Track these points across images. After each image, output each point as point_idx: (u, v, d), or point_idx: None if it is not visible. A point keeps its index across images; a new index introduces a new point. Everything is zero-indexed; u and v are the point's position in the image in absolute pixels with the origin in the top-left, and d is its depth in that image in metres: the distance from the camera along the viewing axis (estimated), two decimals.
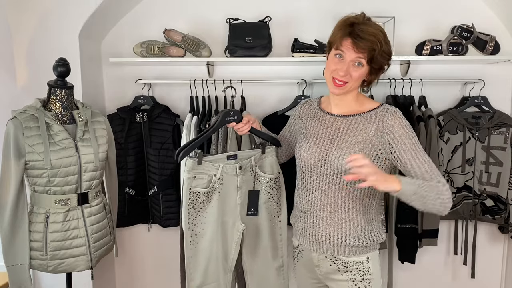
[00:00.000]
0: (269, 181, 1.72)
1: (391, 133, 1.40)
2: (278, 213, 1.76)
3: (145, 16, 2.36)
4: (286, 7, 2.33)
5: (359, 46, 1.37)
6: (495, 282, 2.49)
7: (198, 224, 1.60)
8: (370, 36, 1.37)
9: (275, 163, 1.73)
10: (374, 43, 1.37)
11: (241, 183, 1.65)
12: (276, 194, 1.74)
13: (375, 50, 1.37)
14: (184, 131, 2.13)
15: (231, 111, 1.62)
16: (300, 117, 1.66)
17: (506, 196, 2.21)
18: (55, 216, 1.68)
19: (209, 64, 2.28)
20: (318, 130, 1.53)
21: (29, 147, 1.62)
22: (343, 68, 1.40)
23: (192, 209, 1.58)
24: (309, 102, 1.67)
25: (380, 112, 1.44)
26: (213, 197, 1.60)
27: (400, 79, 2.25)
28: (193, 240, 1.60)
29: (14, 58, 2.12)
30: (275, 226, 1.76)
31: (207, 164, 1.58)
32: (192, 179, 1.56)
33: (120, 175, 2.20)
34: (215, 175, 1.60)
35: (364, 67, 1.41)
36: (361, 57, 1.39)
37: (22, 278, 1.67)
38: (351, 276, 1.47)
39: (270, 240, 1.75)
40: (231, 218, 1.65)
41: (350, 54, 1.39)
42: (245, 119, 1.63)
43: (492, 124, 2.20)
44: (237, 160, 1.63)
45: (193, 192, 1.57)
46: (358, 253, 1.46)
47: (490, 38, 2.20)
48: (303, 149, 1.53)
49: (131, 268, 2.55)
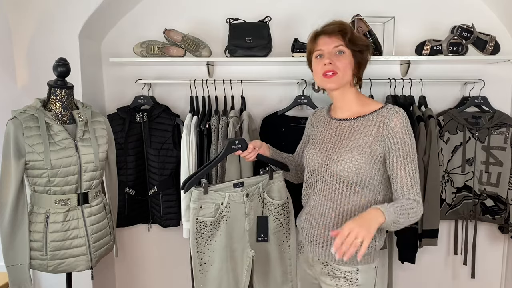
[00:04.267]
0: (277, 207, 1.72)
1: (391, 136, 1.39)
2: (287, 238, 1.76)
3: (145, 16, 2.36)
4: (286, 7, 2.34)
5: (331, 33, 1.45)
6: (495, 282, 2.49)
7: (207, 253, 1.60)
8: (336, 24, 1.46)
9: (283, 188, 1.73)
10: (341, 25, 1.46)
11: (249, 209, 1.65)
12: (284, 219, 1.75)
13: (346, 30, 1.43)
14: (184, 131, 2.13)
15: (236, 140, 1.62)
16: (312, 125, 1.68)
17: (506, 196, 2.21)
18: (55, 216, 1.68)
19: (209, 64, 2.28)
20: (324, 135, 1.54)
21: (29, 147, 1.62)
22: (327, 59, 1.44)
23: (200, 238, 1.57)
24: (319, 110, 1.69)
25: (382, 113, 1.43)
26: (220, 225, 1.60)
27: (400, 79, 2.25)
28: (202, 269, 1.60)
29: (14, 58, 2.12)
30: (284, 251, 1.76)
31: (213, 193, 1.58)
32: (199, 209, 1.56)
33: (120, 175, 2.20)
34: (222, 204, 1.59)
35: (346, 54, 1.44)
36: (338, 44, 1.43)
37: (22, 278, 1.67)
38: (338, 282, 1.46)
39: (280, 265, 1.76)
40: (240, 245, 1.65)
41: (327, 45, 1.45)
42: (250, 147, 1.64)
43: (492, 124, 2.20)
44: (244, 187, 1.63)
45: (200, 221, 1.57)
46: (348, 263, 1.44)
47: (490, 38, 2.20)
48: (309, 154, 1.55)
49: (131, 268, 2.55)
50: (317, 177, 1.51)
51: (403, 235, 2.17)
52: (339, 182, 1.43)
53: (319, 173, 1.49)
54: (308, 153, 1.56)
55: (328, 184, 1.46)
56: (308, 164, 1.55)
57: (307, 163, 1.55)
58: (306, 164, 1.57)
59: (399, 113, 1.41)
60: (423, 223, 2.15)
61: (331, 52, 1.44)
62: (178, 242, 2.47)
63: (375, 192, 1.43)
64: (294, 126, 2.25)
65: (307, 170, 1.57)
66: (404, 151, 1.37)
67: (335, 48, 1.43)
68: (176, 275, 2.55)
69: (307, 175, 1.57)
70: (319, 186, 1.50)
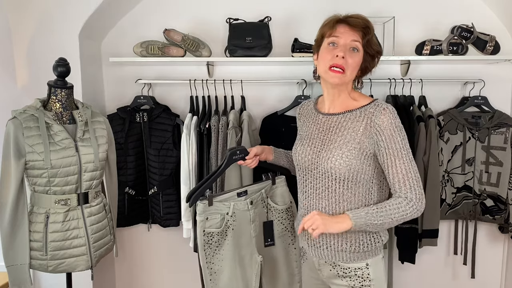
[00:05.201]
0: (281, 212, 1.74)
1: (379, 133, 1.35)
2: (293, 241, 1.79)
3: (145, 16, 2.36)
4: (286, 7, 2.34)
5: (355, 25, 1.37)
6: (495, 282, 2.49)
7: (216, 262, 1.62)
8: (362, 19, 1.38)
9: (286, 193, 1.75)
10: (367, 22, 1.38)
11: (254, 216, 1.66)
12: (289, 223, 1.77)
13: (369, 30, 1.37)
14: (184, 131, 2.13)
15: (237, 149, 1.64)
16: (299, 119, 1.64)
17: (506, 196, 2.21)
18: (55, 216, 1.68)
19: (209, 64, 2.28)
20: (312, 130, 1.50)
21: (29, 147, 1.62)
22: (340, 52, 1.36)
23: (208, 249, 1.59)
24: (306, 103, 1.64)
25: (370, 109, 1.38)
26: (227, 234, 1.62)
27: (400, 79, 2.25)
28: (212, 278, 1.62)
29: (14, 58, 2.12)
30: (290, 254, 1.79)
31: (218, 204, 1.60)
32: (205, 221, 1.58)
33: (120, 175, 2.20)
34: (227, 213, 1.61)
35: (359, 53, 1.38)
36: (356, 39, 1.37)
37: (22, 278, 1.67)
38: (350, 282, 1.44)
39: (287, 267, 1.78)
40: (248, 251, 1.67)
41: (346, 37, 1.36)
42: (251, 154, 1.64)
43: (492, 124, 2.20)
44: (247, 195, 1.65)
45: (207, 233, 1.58)
46: (357, 259, 1.43)
47: (490, 38, 2.20)
48: (298, 151, 1.51)
49: (131, 268, 2.55)
50: (308, 175, 1.47)
51: (403, 235, 2.17)
52: (331, 179, 1.40)
53: (310, 170, 1.46)
54: (297, 149, 1.52)
55: (320, 182, 1.43)
56: (297, 161, 1.51)
57: (296, 160, 1.52)
58: (295, 161, 1.53)
59: (386, 110, 1.35)
60: (423, 223, 2.15)
61: (347, 45, 1.36)
62: (178, 242, 2.47)
63: (368, 187, 1.40)
64: (294, 126, 2.22)
65: (297, 168, 1.53)
66: (394, 148, 1.34)
67: (353, 42, 1.36)
68: (176, 275, 2.55)
69: (298, 172, 1.54)
70: (311, 184, 1.46)
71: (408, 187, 1.34)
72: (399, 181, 1.34)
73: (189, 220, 2.17)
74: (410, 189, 1.34)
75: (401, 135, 1.35)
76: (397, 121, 1.36)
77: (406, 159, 1.34)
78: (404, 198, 1.34)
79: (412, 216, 1.35)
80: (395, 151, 1.34)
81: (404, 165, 1.34)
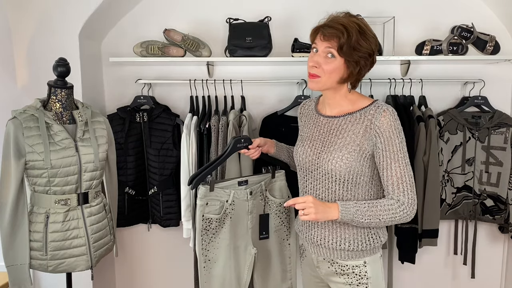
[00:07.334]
0: (279, 205, 1.76)
1: (378, 135, 1.36)
2: (288, 236, 1.80)
3: (145, 16, 2.36)
4: (286, 7, 2.34)
5: (325, 34, 1.37)
6: (495, 282, 2.49)
7: (211, 250, 1.63)
8: (338, 25, 1.35)
9: (284, 187, 1.77)
10: (340, 31, 1.34)
11: (252, 207, 1.68)
12: (285, 218, 1.78)
13: (340, 38, 1.34)
14: (184, 131, 2.13)
15: (242, 138, 1.65)
16: (301, 119, 1.66)
17: (506, 196, 2.21)
18: (55, 216, 1.68)
19: (209, 64, 2.28)
20: (313, 132, 1.52)
21: (29, 147, 1.62)
22: (311, 62, 1.40)
23: (205, 235, 1.61)
24: (307, 103, 1.66)
25: (370, 111, 1.39)
26: (225, 222, 1.63)
27: (400, 79, 2.25)
28: (206, 265, 1.63)
29: (14, 58, 2.12)
30: (285, 249, 1.80)
31: (219, 190, 1.61)
32: (205, 206, 1.59)
33: (120, 175, 2.20)
34: (227, 201, 1.63)
35: (336, 59, 1.37)
36: (329, 46, 1.36)
37: (22, 278, 1.67)
38: (348, 279, 1.46)
39: (280, 263, 1.79)
40: (243, 242, 1.68)
41: (321, 44, 1.38)
42: (254, 144, 1.66)
43: (492, 124, 2.20)
44: (247, 185, 1.67)
45: (206, 218, 1.60)
46: (355, 257, 1.45)
47: (490, 38, 2.20)
48: (299, 152, 1.53)
49: (131, 268, 2.55)
50: (308, 176, 1.50)
51: (403, 235, 2.17)
52: (331, 180, 1.42)
53: (310, 171, 1.48)
54: (298, 150, 1.54)
55: (321, 183, 1.45)
56: (298, 161, 1.54)
57: (297, 160, 1.55)
58: (296, 161, 1.56)
59: (387, 112, 1.36)
60: (423, 223, 2.15)
61: (322, 52, 1.38)
62: (178, 242, 2.47)
63: (367, 188, 1.43)
64: (294, 126, 2.24)
65: (298, 168, 1.56)
66: (391, 150, 1.35)
67: (327, 49, 1.37)
68: (176, 275, 2.55)
69: (299, 172, 1.57)
70: (311, 185, 1.49)
71: (401, 191, 1.35)
72: (393, 183, 1.35)
73: (189, 220, 2.17)
74: (403, 192, 1.35)
75: (400, 138, 1.37)
76: (396, 123, 1.37)
77: (402, 163, 1.36)
78: (396, 200, 1.35)
79: (400, 220, 1.36)
80: (392, 154, 1.35)
81: (399, 168, 1.35)
